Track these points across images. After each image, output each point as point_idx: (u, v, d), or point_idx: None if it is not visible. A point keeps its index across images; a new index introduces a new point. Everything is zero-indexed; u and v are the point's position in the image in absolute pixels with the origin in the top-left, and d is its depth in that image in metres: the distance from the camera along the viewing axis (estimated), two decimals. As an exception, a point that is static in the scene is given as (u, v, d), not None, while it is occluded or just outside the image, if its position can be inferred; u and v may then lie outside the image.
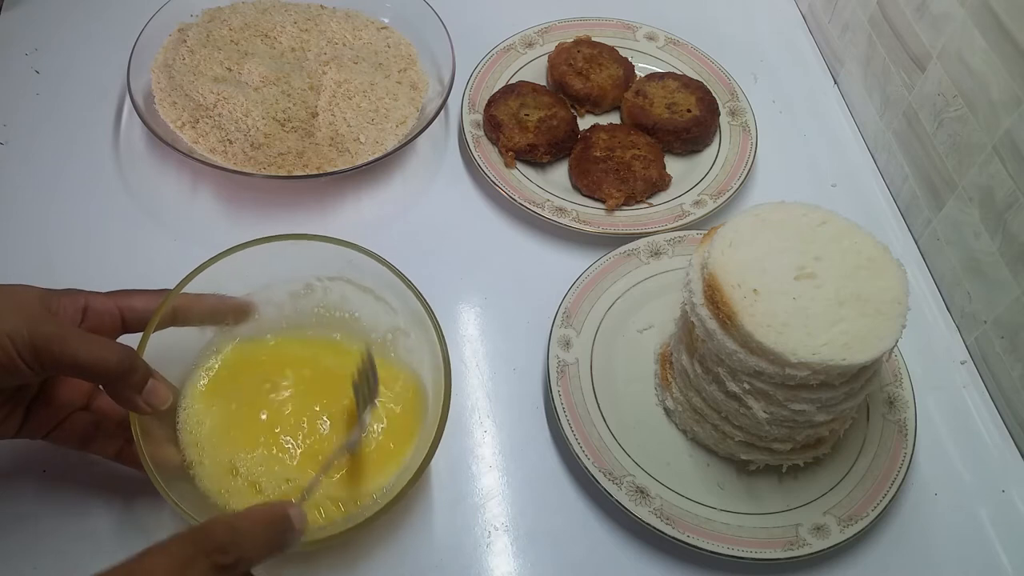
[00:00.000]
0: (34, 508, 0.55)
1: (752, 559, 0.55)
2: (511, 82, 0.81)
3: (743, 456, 0.58)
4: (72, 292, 0.49)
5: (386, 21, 0.84)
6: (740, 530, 0.56)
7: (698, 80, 0.81)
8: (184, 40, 0.78)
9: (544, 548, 0.57)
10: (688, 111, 0.78)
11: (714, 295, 0.52)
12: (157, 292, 0.52)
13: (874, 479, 0.59)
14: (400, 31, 0.83)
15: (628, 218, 0.72)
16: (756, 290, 0.51)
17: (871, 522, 0.57)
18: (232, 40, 0.79)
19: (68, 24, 0.84)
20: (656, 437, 0.61)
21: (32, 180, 0.72)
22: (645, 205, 0.74)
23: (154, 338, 0.50)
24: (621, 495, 0.56)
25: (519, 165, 0.76)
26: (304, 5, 0.84)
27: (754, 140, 0.78)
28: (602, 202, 0.73)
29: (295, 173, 0.70)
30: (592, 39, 0.84)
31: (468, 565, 0.56)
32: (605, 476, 0.57)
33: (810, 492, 0.58)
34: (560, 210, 0.72)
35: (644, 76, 0.82)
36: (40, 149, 0.74)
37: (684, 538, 0.55)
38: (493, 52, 0.83)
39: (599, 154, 0.74)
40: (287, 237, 0.55)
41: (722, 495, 0.58)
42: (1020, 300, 0.63)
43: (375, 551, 0.55)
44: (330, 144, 0.73)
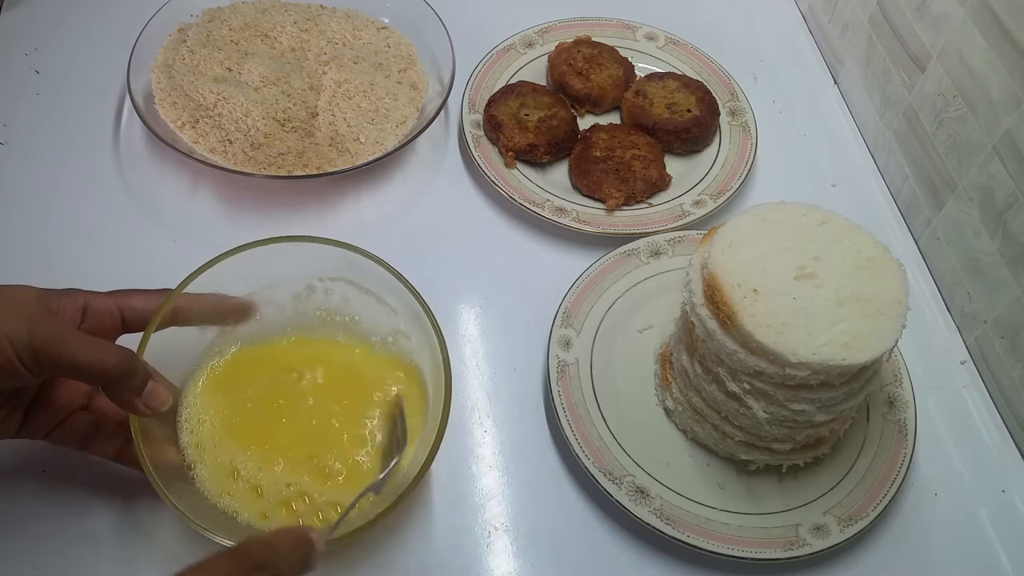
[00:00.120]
0: (34, 508, 0.55)
1: (752, 559, 0.55)
2: (511, 82, 0.81)
3: (743, 456, 0.58)
4: (72, 292, 0.49)
5: (386, 21, 0.84)
6: (740, 530, 0.56)
7: (698, 80, 0.81)
8: (184, 40, 0.78)
9: (544, 548, 0.57)
10: (688, 111, 0.78)
11: (714, 295, 0.52)
12: (157, 292, 0.51)
13: (874, 479, 0.59)
14: (400, 31, 0.83)
15: (628, 218, 0.72)
16: (756, 290, 0.51)
17: (871, 522, 0.57)
18: (232, 40, 0.79)
19: (68, 24, 0.84)
20: (656, 437, 0.61)
21: (32, 180, 0.72)
22: (645, 205, 0.74)
23: (154, 338, 0.50)
24: (621, 495, 0.56)
25: (519, 165, 0.76)
26: (304, 5, 0.84)
27: (754, 140, 0.78)
28: (602, 202, 0.73)
29: (295, 173, 0.70)
30: (592, 39, 0.84)
31: (468, 565, 0.56)
32: (605, 476, 0.57)
33: (810, 492, 0.58)
34: (560, 210, 0.72)
35: (644, 76, 0.82)
36: (40, 149, 0.74)
37: (684, 538, 0.55)
38: (493, 52, 0.83)
39: (599, 154, 0.74)
40: (288, 239, 0.55)
41: (722, 495, 0.58)
42: (1020, 300, 0.63)
43: (375, 551, 0.55)
44: (330, 144, 0.73)
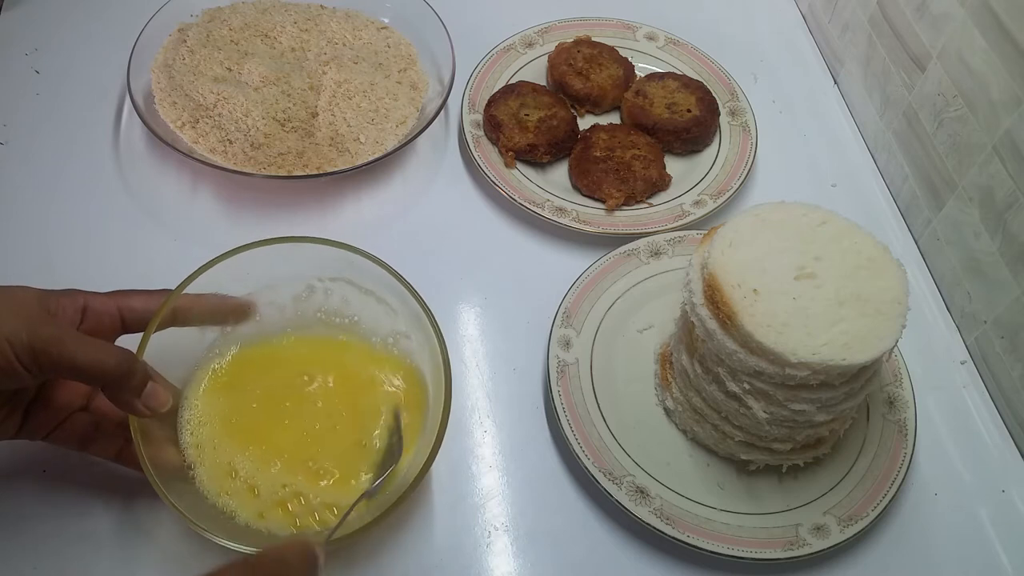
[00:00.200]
0: (34, 508, 0.55)
1: (752, 559, 0.55)
2: (511, 82, 0.81)
3: (743, 456, 0.58)
4: (71, 292, 0.49)
5: (386, 21, 0.84)
6: (740, 530, 0.56)
7: (698, 80, 0.81)
8: (184, 40, 0.78)
9: (544, 548, 0.57)
10: (688, 111, 0.78)
11: (714, 295, 0.52)
12: (157, 292, 0.51)
13: (874, 479, 0.59)
14: (400, 31, 0.83)
15: (628, 218, 0.72)
16: (756, 290, 0.51)
17: (871, 522, 0.57)
18: (232, 40, 0.79)
19: (68, 24, 0.84)
20: (656, 437, 0.61)
21: (32, 180, 0.72)
22: (645, 205, 0.74)
23: (154, 339, 0.50)
24: (621, 495, 0.56)
25: (519, 165, 0.76)
26: (304, 5, 0.84)
27: (754, 140, 0.78)
28: (602, 202, 0.73)
29: (295, 173, 0.70)
30: (592, 39, 0.84)
31: (468, 565, 0.56)
32: (605, 476, 0.57)
33: (810, 492, 0.58)
34: (560, 210, 0.72)
35: (644, 76, 0.82)
36: (40, 149, 0.74)
37: (684, 538, 0.55)
38: (493, 52, 0.83)
39: (599, 154, 0.74)
40: (288, 239, 0.55)
41: (722, 495, 0.58)
42: (1020, 300, 0.63)
43: (375, 551, 0.55)
44: (330, 144, 0.73)
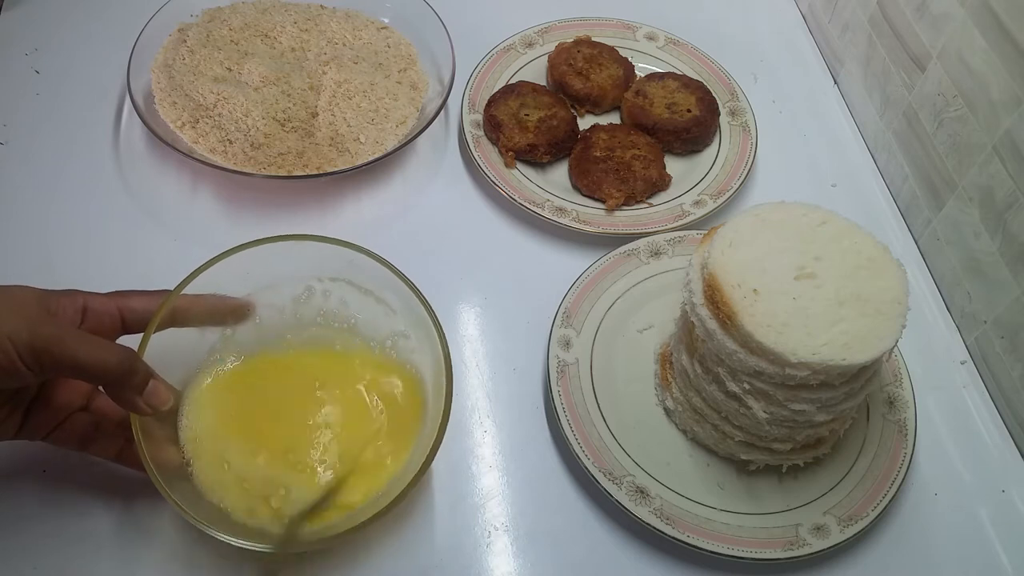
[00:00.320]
0: (34, 508, 0.55)
1: (752, 559, 0.55)
2: (511, 82, 0.81)
3: (743, 456, 0.58)
4: (71, 293, 0.49)
5: (386, 21, 0.84)
6: (740, 530, 0.56)
7: (698, 80, 0.81)
8: (184, 40, 0.78)
9: (544, 548, 0.57)
10: (688, 111, 0.78)
11: (714, 295, 0.52)
12: (156, 293, 0.51)
13: (874, 479, 0.59)
14: (400, 31, 0.83)
15: (628, 218, 0.72)
16: (756, 290, 0.51)
17: (871, 522, 0.57)
18: (232, 40, 0.79)
19: (68, 24, 0.84)
20: (656, 437, 0.61)
21: (32, 180, 0.72)
22: (645, 205, 0.74)
23: (154, 339, 0.50)
24: (621, 495, 0.56)
25: (519, 165, 0.76)
26: (304, 5, 0.84)
27: (754, 140, 0.78)
28: (602, 202, 0.73)
29: (295, 173, 0.70)
30: (592, 39, 0.84)
31: (468, 565, 0.56)
32: (605, 476, 0.57)
33: (810, 492, 0.58)
34: (560, 210, 0.72)
35: (644, 76, 0.82)
36: (40, 149, 0.74)
37: (684, 538, 0.55)
38: (493, 52, 0.83)
39: (599, 154, 0.74)
40: (287, 238, 0.55)
41: (722, 495, 0.58)
42: (1020, 300, 0.63)
43: (375, 551, 0.55)
44: (330, 144, 0.73)
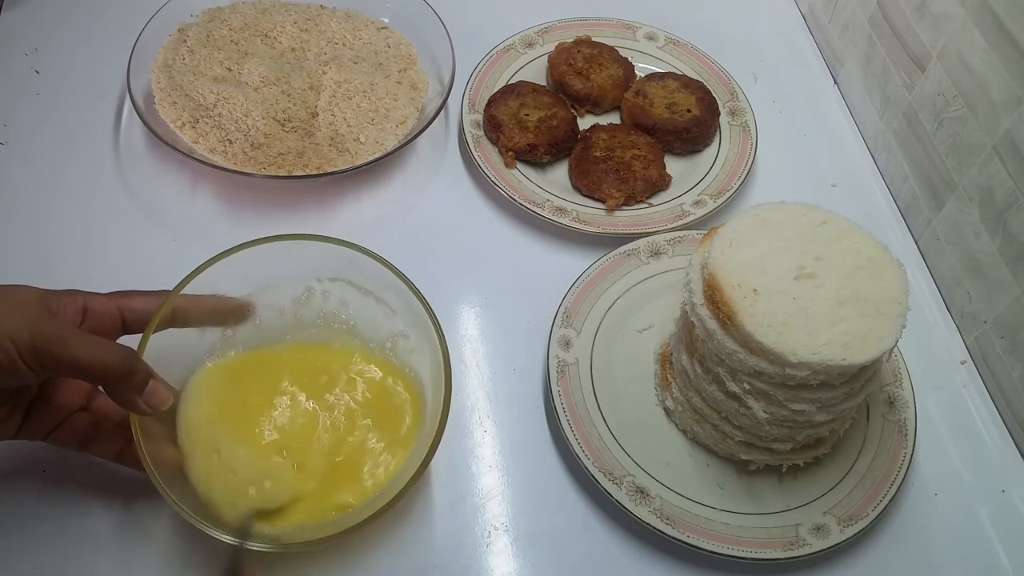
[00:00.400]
0: (34, 508, 0.55)
1: (752, 559, 0.55)
2: (511, 82, 0.81)
3: (743, 456, 0.58)
4: (72, 293, 0.49)
5: (386, 21, 0.84)
6: (740, 530, 0.56)
7: (698, 80, 0.81)
8: (184, 40, 0.78)
9: (544, 548, 0.57)
10: (688, 111, 0.78)
11: (714, 295, 0.52)
12: (156, 293, 0.51)
13: (874, 479, 0.59)
14: (400, 31, 0.83)
15: (628, 218, 0.72)
16: (756, 290, 0.51)
17: (871, 522, 0.57)
18: (232, 40, 0.79)
19: (68, 24, 0.84)
20: (656, 437, 0.61)
21: (32, 180, 0.72)
22: (645, 205, 0.74)
23: (154, 339, 0.50)
24: (621, 495, 0.56)
25: (519, 165, 0.76)
26: (304, 5, 0.84)
27: (754, 140, 0.78)
28: (602, 202, 0.73)
29: (295, 173, 0.70)
30: (592, 39, 0.84)
31: (468, 565, 0.56)
32: (605, 476, 0.57)
33: (810, 492, 0.58)
34: (560, 210, 0.72)
35: (644, 76, 0.82)
36: (40, 149, 0.74)
37: (684, 538, 0.55)
38: (493, 52, 0.83)
39: (599, 154, 0.74)
40: (287, 237, 0.55)
41: (722, 495, 0.58)
42: (1020, 300, 0.63)
43: (375, 551, 0.55)
44: (330, 144, 0.73)
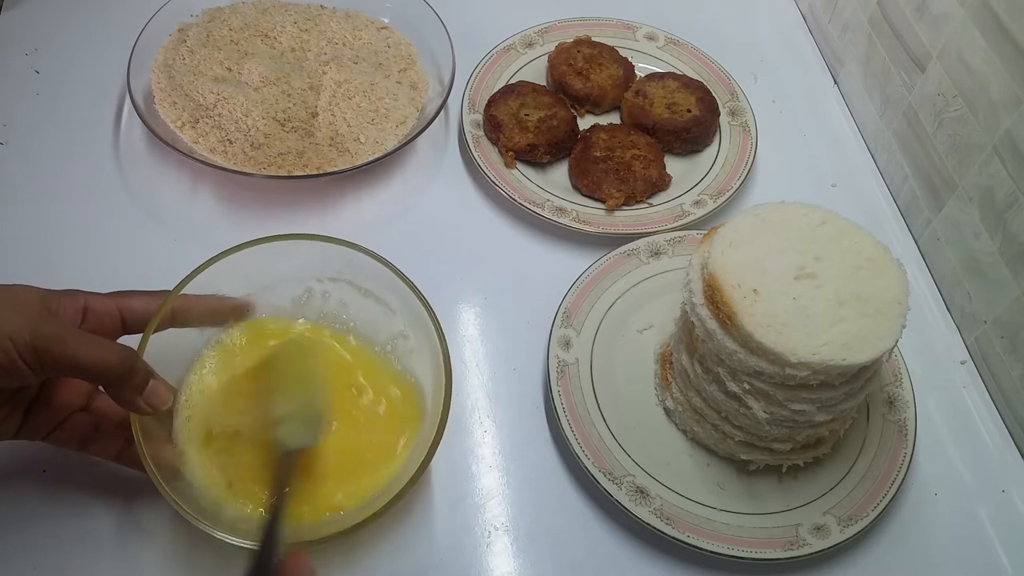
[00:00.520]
0: (34, 508, 0.55)
1: (752, 559, 0.55)
2: (511, 82, 0.81)
3: (743, 456, 0.58)
4: (72, 293, 0.49)
5: (386, 21, 0.84)
6: (740, 530, 0.56)
7: (698, 80, 0.81)
8: (184, 40, 0.78)
9: (544, 548, 0.57)
10: (688, 111, 0.78)
11: (714, 295, 0.52)
12: (156, 293, 0.51)
13: (874, 479, 0.59)
14: (400, 31, 0.83)
15: (628, 218, 0.72)
16: (756, 290, 0.51)
17: (871, 522, 0.57)
18: (232, 40, 0.79)
19: (68, 24, 0.84)
20: (656, 437, 0.61)
21: (32, 180, 0.72)
22: (645, 205, 0.74)
23: (154, 339, 0.50)
24: (621, 495, 0.56)
25: (519, 165, 0.76)
26: (304, 5, 0.84)
27: (754, 140, 0.78)
28: (602, 202, 0.73)
29: (295, 173, 0.70)
30: (592, 39, 0.84)
31: (468, 565, 0.56)
32: (605, 476, 0.57)
33: (810, 492, 0.58)
34: (560, 210, 0.72)
35: (644, 76, 0.82)
36: (40, 149, 0.74)
37: (684, 538, 0.55)
38: (493, 52, 0.83)
39: (599, 154, 0.74)
40: (287, 237, 0.55)
41: (722, 495, 0.58)
42: (1020, 300, 0.63)
43: (375, 551, 0.55)
44: (330, 144, 0.73)
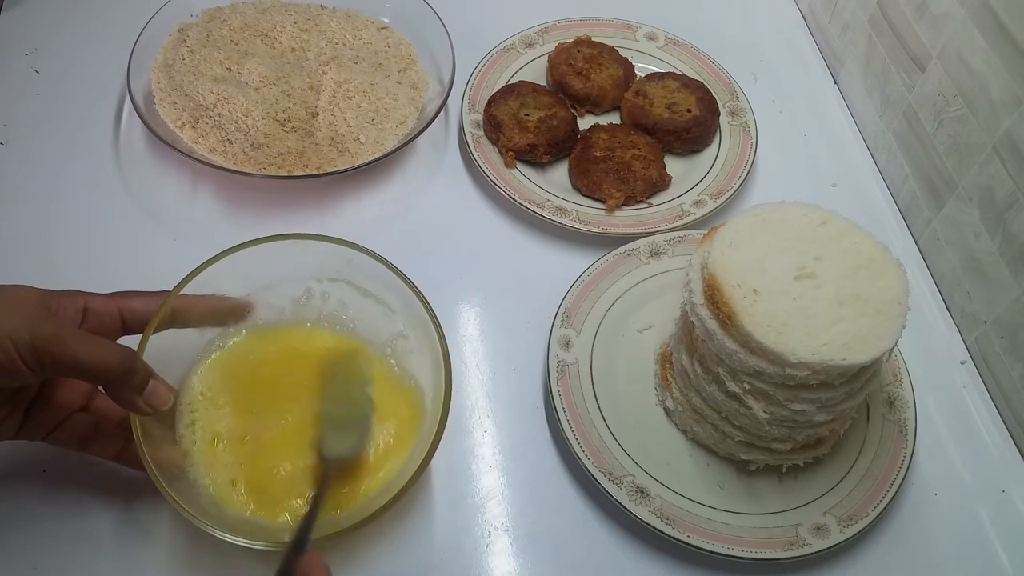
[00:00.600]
0: (34, 508, 0.55)
1: (752, 559, 0.55)
2: (511, 82, 0.81)
3: (743, 456, 0.58)
4: (72, 293, 0.49)
5: (386, 21, 0.84)
6: (740, 530, 0.56)
7: (698, 80, 0.81)
8: (184, 40, 0.78)
9: (544, 548, 0.57)
10: (688, 111, 0.78)
11: (714, 295, 0.52)
12: (156, 293, 0.51)
13: (874, 479, 0.59)
14: (400, 31, 0.83)
15: (628, 218, 0.72)
16: (756, 290, 0.51)
17: (871, 522, 0.57)
18: (232, 40, 0.79)
19: (68, 24, 0.84)
20: (656, 437, 0.61)
21: (32, 180, 0.72)
22: (645, 205, 0.74)
23: (154, 339, 0.50)
24: (621, 495, 0.56)
25: (519, 165, 0.76)
26: (304, 5, 0.84)
27: (754, 140, 0.78)
28: (602, 202, 0.73)
29: (295, 173, 0.70)
30: (592, 39, 0.84)
31: (468, 565, 0.56)
32: (605, 476, 0.57)
33: (810, 492, 0.58)
34: (560, 210, 0.72)
35: (644, 76, 0.82)
36: (40, 149, 0.74)
37: (684, 538, 0.55)
38: (493, 52, 0.83)
39: (599, 154, 0.74)
40: (287, 237, 0.55)
41: (722, 495, 0.58)
42: (1020, 300, 0.63)
43: (375, 551, 0.55)
44: (330, 144, 0.73)
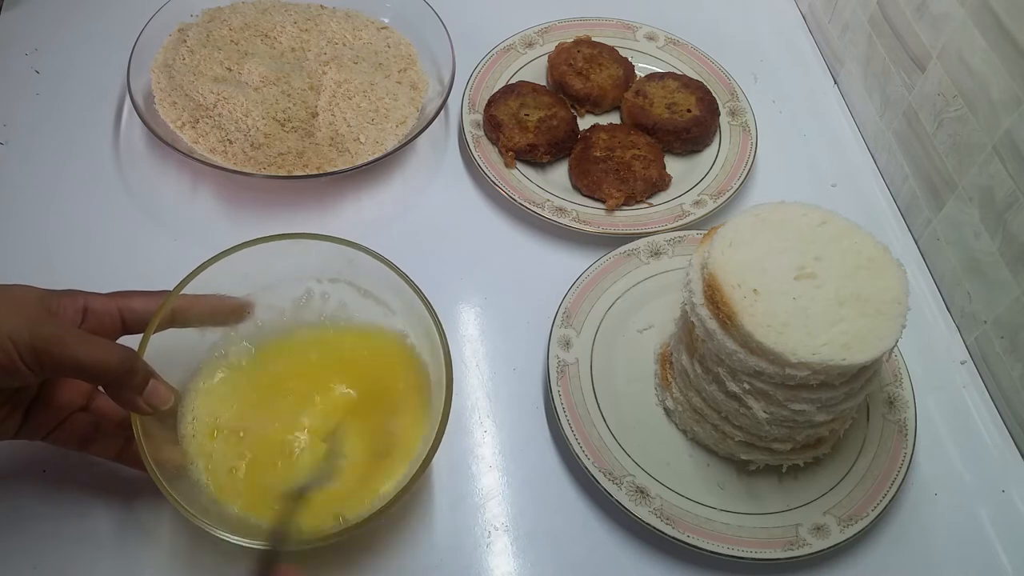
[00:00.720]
0: (34, 508, 0.55)
1: (752, 559, 0.55)
2: (511, 82, 0.81)
3: (743, 456, 0.58)
4: (72, 293, 0.49)
5: (386, 21, 0.84)
6: (740, 530, 0.56)
7: (698, 80, 0.81)
8: (184, 40, 0.78)
9: (544, 548, 0.57)
10: (688, 111, 0.78)
11: (714, 295, 0.52)
12: (157, 293, 0.51)
13: (874, 479, 0.59)
14: (400, 31, 0.83)
15: (628, 218, 0.72)
16: (756, 290, 0.51)
17: (871, 522, 0.57)
18: (232, 40, 0.79)
19: (68, 24, 0.84)
20: (656, 437, 0.61)
21: (32, 180, 0.72)
22: (645, 205, 0.74)
23: (154, 339, 0.50)
24: (621, 495, 0.56)
25: (519, 165, 0.76)
26: (304, 5, 0.84)
27: (754, 140, 0.78)
28: (602, 202, 0.73)
29: (295, 173, 0.70)
30: (592, 39, 0.84)
31: (468, 565, 0.56)
32: (605, 476, 0.57)
33: (810, 492, 0.58)
34: (560, 210, 0.72)
35: (644, 76, 0.82)
36: (40, 149, 0.74)
37: (684, 538, 0.55)
38: (493, 52, 0.83)
39: (599, 154, 0.74)
40: (287, 237, 0.55)
41: (722, 495, 0.58)
42: (1020, 300, 0.63)
43: (375, 551, 0.55)
44: (330, 144, 0.73)
